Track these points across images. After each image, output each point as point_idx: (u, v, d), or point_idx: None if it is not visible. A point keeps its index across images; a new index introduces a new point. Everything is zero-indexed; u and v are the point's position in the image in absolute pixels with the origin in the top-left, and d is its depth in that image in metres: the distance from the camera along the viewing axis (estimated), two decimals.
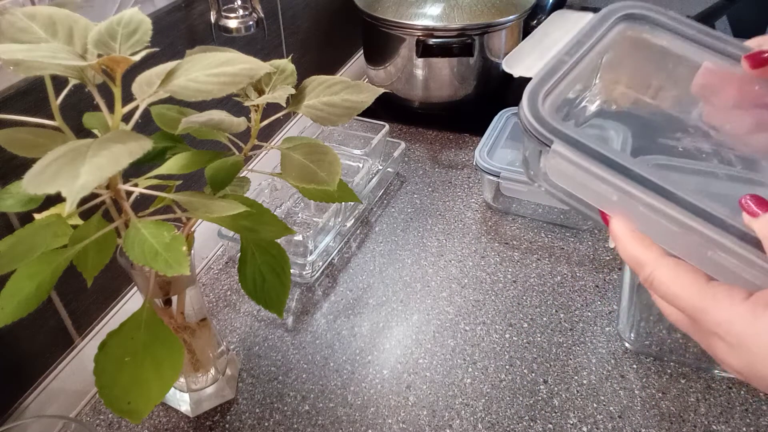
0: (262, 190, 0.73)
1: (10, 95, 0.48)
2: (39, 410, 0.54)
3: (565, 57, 0.33)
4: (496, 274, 0.67)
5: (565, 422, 0.52)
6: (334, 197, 0.49)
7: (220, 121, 0.37)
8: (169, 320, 0.48)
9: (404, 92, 0.94)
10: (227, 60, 0.35)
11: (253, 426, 0.53)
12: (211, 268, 0.69)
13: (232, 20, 0.69)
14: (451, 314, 0.62)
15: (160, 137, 0.45)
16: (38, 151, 0.31)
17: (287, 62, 0.43)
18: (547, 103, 0.32)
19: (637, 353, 0.58)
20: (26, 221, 0.38)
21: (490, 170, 0.71)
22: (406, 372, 0.57)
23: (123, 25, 0.36)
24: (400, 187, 0.81)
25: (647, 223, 0.30)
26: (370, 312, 0.63)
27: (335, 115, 0.42)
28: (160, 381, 0.38)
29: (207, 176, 0.40)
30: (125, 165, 0.29)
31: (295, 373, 0.57)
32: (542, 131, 0.31)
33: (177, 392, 0.54)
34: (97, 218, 0.39)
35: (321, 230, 0.68)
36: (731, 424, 0.51)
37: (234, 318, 0.63)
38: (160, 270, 0.33)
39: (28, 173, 0.28)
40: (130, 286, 0.65)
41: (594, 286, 0.65)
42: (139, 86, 0.34)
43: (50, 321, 0.56)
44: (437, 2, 0.88)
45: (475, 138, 0.90)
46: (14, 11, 0.35)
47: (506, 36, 0.90)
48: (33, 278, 0.37)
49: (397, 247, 0.71)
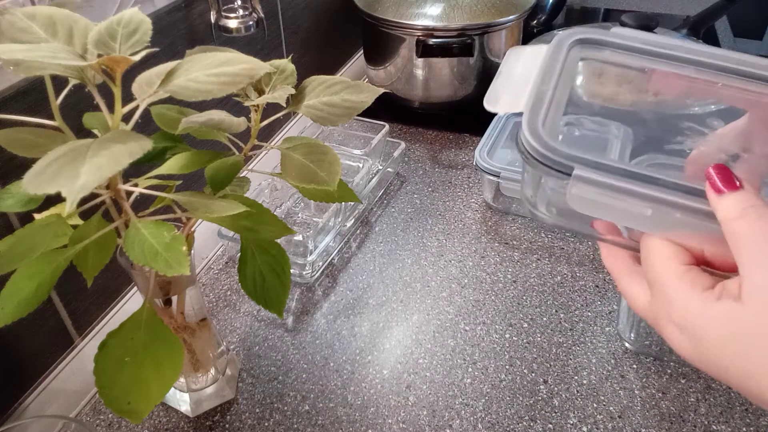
0: (262, 190, 0.73)
1: (10, 95, 0.48)
2: (39, 410, 0.54)
3: (542, 87, 0.34)
4: (496, 274, 0.67)
5: (565, 422, 0.52)
6: (334, 197, 0.49)
7: (220, 121, 0.37)
8: (169, 320, 0.48)
9: (404, 92, 0.94)
10: (227, 60, 0.35)
11: (253, 426, 0.53)
12: (211, 268, 0.69)
13: (232, 20, 0.69)
14: (451, 314, 0.62)
15: (160, 137, 0.45)
16: (38, 151, 0.31)
17: (287, 62, 0.43)
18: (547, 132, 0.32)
19: (637, 353, 0.58)
20: (26, 221, 0.38)
21: (490, 170, 0.71)
22: (406, 372, 0.57)
23: (123, 25, 0.36)
24: (400, 187, 0.81)
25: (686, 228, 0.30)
26: (370, 312, 0.63)
27: (335, 115, 0.42)
28: (160, 381, 0.38)
29: (207, 176, 0.40)
30: (125, 165, 0.29)
31: (295, 373, 0.57)
32: (558, 160, 0.30)
33: (177, 392, 0.54)
34: (97, 218, 0.39)
35: (321, 230, 0.68)
36: (731, 424, 0.51)
37: (234, 318, 0.63)
38: (160, 270, 0.33)
39: (28, 173, 0.28)
40: (130, 286, 0.65)
41: (594, 286, 0.65)
42: (139, 86, 0.34)
43: (50, 321, 0.56)
44: (437, 2, 0.88)
45: (475, 138, 0.90)
46: (14, 11, 0.35)
47: (506, 36, 0.90)
48: (33, 278, 0.37)
49: (397, 247, 0.71)
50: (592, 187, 0.30)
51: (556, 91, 0.34)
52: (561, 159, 0.31)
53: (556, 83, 0.34)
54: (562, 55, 0.36)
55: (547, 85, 0.34)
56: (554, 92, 0.34)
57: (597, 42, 0.37)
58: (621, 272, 0.35)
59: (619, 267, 0.35)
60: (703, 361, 0.29)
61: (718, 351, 0.28)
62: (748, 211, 0.27)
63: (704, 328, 0.28)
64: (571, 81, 0.35)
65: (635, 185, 0.29)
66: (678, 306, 0.29)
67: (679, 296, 0.29)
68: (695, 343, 0.29)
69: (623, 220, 0.33)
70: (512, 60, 0.39)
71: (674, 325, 0.30)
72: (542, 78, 0.34)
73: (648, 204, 0.30)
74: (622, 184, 0.30)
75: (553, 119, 0.32)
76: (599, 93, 0.40)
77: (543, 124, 0.32)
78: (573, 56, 0.36)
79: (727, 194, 0.28)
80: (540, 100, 0.33)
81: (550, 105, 0.33)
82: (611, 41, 0.37)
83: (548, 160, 0.31)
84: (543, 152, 0.31)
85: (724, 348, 0.27)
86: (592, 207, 0.32)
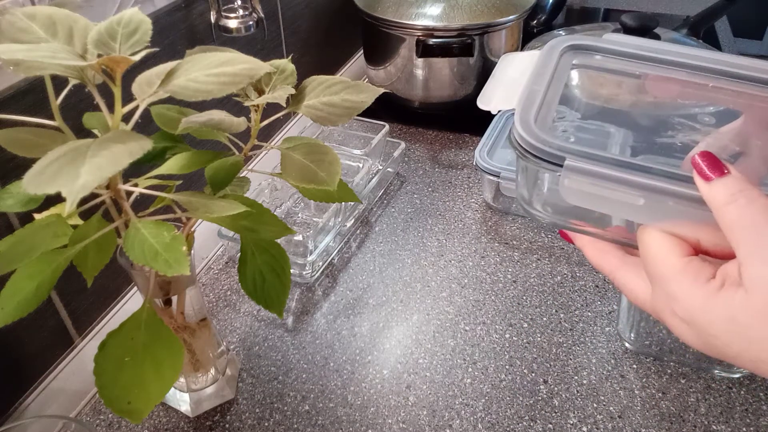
0: (262, 190, 0.73)
1: (10, 95, 0.48)
2: (39, 410, 0.54)
3: (534, 87, 0.34)
4: (496, 274, 0.67)
5: (565, 422, 0.52)
6: (334, 197, 0.49)
7: (220, 121, 0.37)
8: (169, 320, 0.48)
9: (404, 92, 0.94)
10: (227, 60, 0.35)
11: (253, 426, 0.53)
12: (211, 268, 0.69)
13: (232, 20, 0.69)
14: (451, 314, 0.62)
15: (160, 137, 0.45)
16: (38, 151, 0.31)
17: (287, 62, 0.43)
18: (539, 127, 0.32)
19: (637, 353, 0.58)
20: (26, 221, 0.38)
21: (490, 170, 0.71)
22: (406, 372, 0.57)
23: (123, 25, 0.36)
24: (400, 187, 0.81)
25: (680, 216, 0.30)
26: (370, 312, 0.63)
27: (335, 115, 0.42)
28: (160, 381, 0.38)
29: (207, 176, 0.40)
30: (125, 165, 0.29)
31: (295, 373, 0.57)
32: (551, 151, 0.31)
33: (177, 392, 0.54)
34: (97, 218, 0.39)
35: (321, 230, 0.68)
36: (731, 424, 0.51)
37: (234, 318, 0.63)
38: (160, 270, 0.33)
39: (28, 173, 0.28)
40: (130, 286, 0.65)
41: (594, 286, 0.65)
42: (139, 86, 0.34)
43: (50, 321, 0.56)
44: (437, 2, 0.88)
45: (475, 138, 0.90)
46: (14, 11, 0.35)
47: (506, 36, 0.90)
48: (33, 278, 0.37)
49: (397, 247, 0.71)
50: (585, 177, 0.30)
51: (548, 91, 0.34)
52: (553, 150, 0.31)
53: (548, 84, 0.35)
54: (554, 59, 0.37)
55: (540, 85, 0.34)
56: (546, 92, 0.34)
57: (588, 48, 0.38)
58: (614, 267, 0.35)
59: (610, 262, 0.35)
60: (712, 350, 0.29)
61: (727, 340, 0.28)
62: (738, 196, 0.27)
63: (711, 320, 0.28)
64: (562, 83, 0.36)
65: (627, 173, 0.30)
66: (682, 302, 0.29)
67: (682, 292, 0.29)
68: (703, 335, 0.29)
69: (617, 211, 0.33)
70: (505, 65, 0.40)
71: (680, 320, 0.30)
72: (535, 79, 0.35)
73: (640, 192, 0.30)
74: (614, 173, 0.30)
75: (545, 115, 0.33)
76: (598, 94, 0.40)
77: (535, 119, 0.32)
78: (565, 61, 0.37)
79: (716, 180, 0.28)
80: (532, 98, 0.34)
81: (542, 103, 0.33)
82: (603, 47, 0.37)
83: (541, 152, 0.31)
84: (535, 144, 0.31)
85: (732, 337, 0.28)
86: (585, 199, 0.32)
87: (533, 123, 0.32)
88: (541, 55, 0.37)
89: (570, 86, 0.40)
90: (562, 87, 0.35)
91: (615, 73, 0.38)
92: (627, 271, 0.34)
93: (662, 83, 0.36)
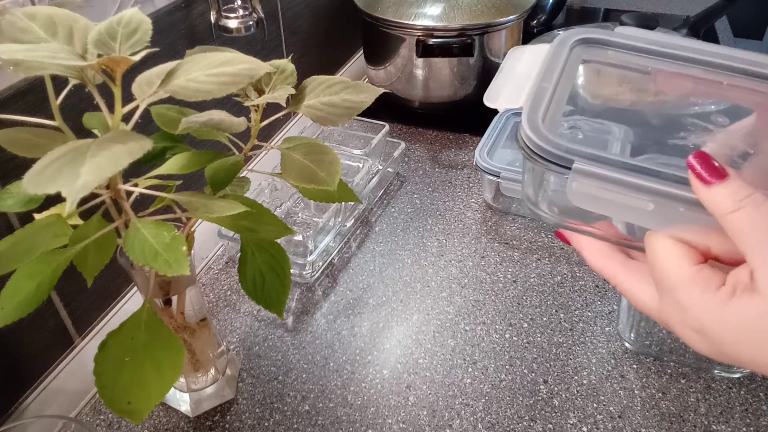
0: (262, 190, 0.73)
1: (10, 95, 0.48)
2: (39, 410, 0.54)
3: (543, 84, 0.33)
4: (496, 274, 0.67)
5: (565, 422, 0.52)
6: (334, 197, 0.49)
7: (220, 121, 0.37)
8: (169, 320, 0.48)
9: (404, 92, 0.94)
10: (227, 60, 0.35)
11: (253, 426, 0.53)
12: (211, 268, 0.69)
13: (232, 20, 0.69)
14: (451, 314, 0.62)
15: (160, 137, 0.45)
16: (38, 151, 0.31)
17: (287, 62, 0.43)
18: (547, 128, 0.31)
19: (637, 353, 0.58)
20: (26, 221, 0.38)
21: (490, 170, 0.71)
22: (406, 372, 0.57)
23: (123, 25, 0.36)
24: (400, 187, 0.81)
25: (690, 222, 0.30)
26: (370, 312, 0.63)
27: (335, 115, 0.42)
28: (160, 381, 0.38)
29: (207, 176, 0.40)
30: (125, 165, 0.29)
31: (295, 373, 0.57)
32: (559, 154, 0.30)
33: (177, 392, 0.54)
34: (97, 218, 0.39)
35: (321, 230, 0.68)
36: (731, 424, 0.51)
37: (234, 318, 0.63)
38: (160, 270, 0.33)
39: (28, 173, 0.28)
40: (130, 286, 0.65)
41: (594, 286, 0.65)
42: (139, 86, 0.34)
43: (50, 321, 0.56)
44: (437, 2, 0.88)
45: (475, 138, 0.90)
46: (14, 11, 0.35)
47: (506, 36, 0.90)
48: (33, 278, 0.37)
49: (397, 247, 0.71)
50: (593, 181, 0.30)
51: (557, 88, 0.33)
52: (561, 153, 0.30)
53: (557, 81, 0.33)
54: (564, 54, 0.35)
55: (548, 82, 0.33)
56: (555, 89, 0.33)
57: (600, 42, 0.36)
58: (615, 271, 0.34)
59: (611, 266, 0.34)
60: (725, 357, 0.28)
61: (741, 348, 0.27)
62: (745, 203, 0.27)
63: (724, 330, 0.28)
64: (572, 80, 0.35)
65: (637, 178, 0.29)
66: (692, 312, 0.28)
67: (693, 303, 0.28)
68: (716, 345, 0.28)
69: (625, 215, 0.32)
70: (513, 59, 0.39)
71: (691, 330, 0.29)
72: (543, 75, 0.34)
73: (650, 198, 0.29)
74: (624, 177, 0.29)
75: (553, 115, 0.32)
76: (600, 93, 0.40)
77: (543, 119, 0.31)
78: (575, 56, 0.36)
79: (716, 186, 0.27)
80: (540, 96, 0.33)
81: (550, 101, 0.32)
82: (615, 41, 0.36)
83: (548, 154, 0.30)
84: (543, 146, 0.30)
85: (746, 344, 0.27)
86: (593, 202, 0.31)
87: (541, 123, 0.31)
88: (550, 49, 0.36)
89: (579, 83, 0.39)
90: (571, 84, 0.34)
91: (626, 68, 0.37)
92: (630, 276, 0.33)
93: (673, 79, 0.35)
